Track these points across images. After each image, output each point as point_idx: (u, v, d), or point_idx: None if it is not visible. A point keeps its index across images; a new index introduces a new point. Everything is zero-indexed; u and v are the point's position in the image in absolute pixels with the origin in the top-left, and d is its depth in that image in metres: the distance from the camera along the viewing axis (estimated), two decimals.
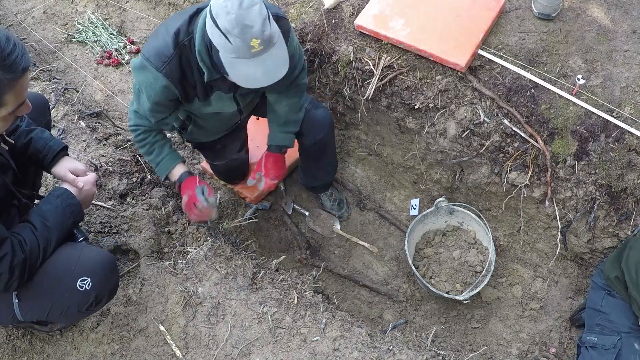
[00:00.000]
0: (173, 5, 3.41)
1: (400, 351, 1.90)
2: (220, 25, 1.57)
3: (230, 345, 1.89)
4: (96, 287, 1.64)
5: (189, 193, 2.05)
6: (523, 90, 2.18)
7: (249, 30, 1.55)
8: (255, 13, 1.56)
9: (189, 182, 2.09)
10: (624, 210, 2.16)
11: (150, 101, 1.85)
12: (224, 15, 1.55)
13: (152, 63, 1.75)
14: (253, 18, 1.55)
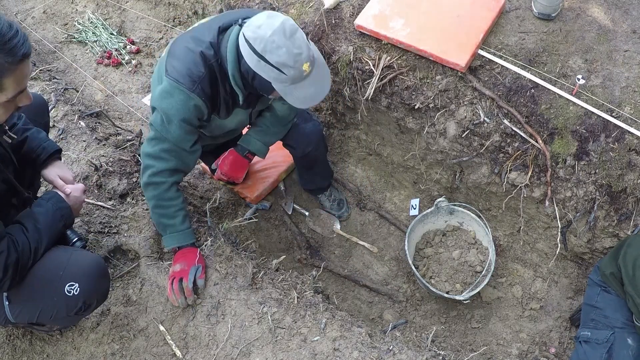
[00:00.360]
0: (173, 5, 3.42)
1: (400, 351, 1.90)
2: (272, 60, 1.61)
3: (230, 345, 1.89)
4: (84, 293, 1.63)
5: (183, 266, 1.94)
6: (523, 90, 2.18)
7: (300, 58, 1.61)
8: (299, 39, 1.62)
9: (189, 254, 1.97)
10: (624, 210, 2.16)
11: (182, 124, 1.79)
12: (275, 51, 1.59)
13: (183, 84, 1.73)
14: (299, 44, 1.61)
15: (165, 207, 1.90)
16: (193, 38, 1.80)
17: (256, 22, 1.64)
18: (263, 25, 1.61)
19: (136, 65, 3.26)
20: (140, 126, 2.90)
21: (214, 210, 2.46)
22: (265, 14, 1.66)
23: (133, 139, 2.62)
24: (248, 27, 1.65)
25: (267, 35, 1.58)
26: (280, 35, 1.59)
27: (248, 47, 1.64)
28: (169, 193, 1.88)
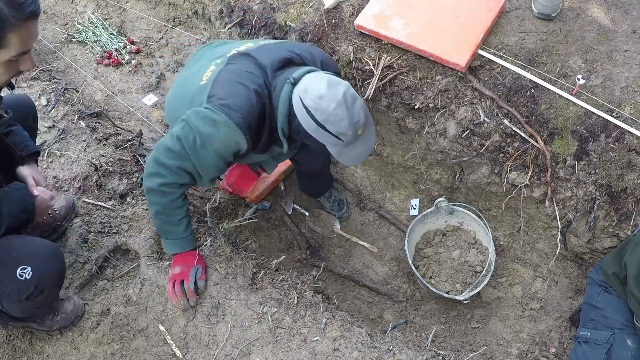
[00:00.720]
0: (173, 5, 3.41)
1: (400, 351, 1.90)
2: (332, 130, 1.65)
3: (230, 345, 1.89)
4: (36, 276, 1.61)
5: (183, 268, 1.94)
6: (523, 90, 2.18)
7: (358, 125, 1.67)
8: (358, 106, 1.67)
9: (188, 256, 1.96)
10: (624, 210, 2.16)
11: (216, 156, 1.74)
12: (337, 122, 1.63)
13: (232, 118, 1.67)
14: (358, 112, 1.66)
15: (170, 215, 1.86)
16: (245, 74, 1.74)
17: (317, 92, 1.63)
18: (325, 97, 1.62)
19: (136, 65, 3.26)
20: (140, 126, 2.90)
21: (214, 210, 2.46)
22: (325, 81, 1.64)
23: (133, 139, 2.62)
24: (307, 95, 1.64)
25: (331, 109, 1.61)
26: (342, 107, 1.62)
27: (307, 115, 1.65)
28: (176, 202, 1.84)
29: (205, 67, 1.88)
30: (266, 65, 1.76)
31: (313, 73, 1.73)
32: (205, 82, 1.81)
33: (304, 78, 1.70)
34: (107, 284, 2.06)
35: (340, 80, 1.69)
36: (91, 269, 2.08)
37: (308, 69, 1.76)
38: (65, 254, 2.12)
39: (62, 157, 2.40)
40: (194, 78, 1.89)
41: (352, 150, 1.73)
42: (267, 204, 2.72)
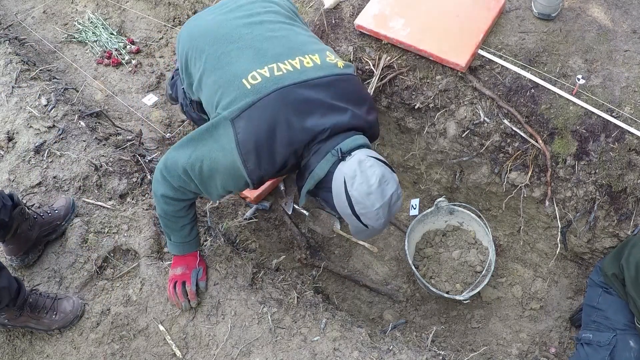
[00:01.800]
0: (173, 5, 3.41)
1: (400, 351, 1.90)
2: (364, 221, 1.54)
3: (230, 345, 1.89)
4: None
5: (184, 270, 1.93)
6: (523, 90, 2.18)
7: (389, 219, 1.58)
8: (398, 206, 1.58)
9: (189, 257, 1.95)
10: (624, 210, 2.16)
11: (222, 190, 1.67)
12: (374, 219, 1.53)
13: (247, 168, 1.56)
14: (394, 212, 1.59)
15: (173, 222, 1.84)
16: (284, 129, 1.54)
17: (367, 187, 1.48)
18: (373, 196, 1.49)
19: (136, 65, 3.26)
20: (140, 126, 2.90)
21: (214, 210, 2.46)
22: (379, 176, 1.49)
23: (133, 139, 2.62)
24: (355, 184, 1.49)
25: (374, 208, 1.50)
26: (385, 209, 1.52)
27: (346, 200, 1.52)
28: (180, 212, 1.80)
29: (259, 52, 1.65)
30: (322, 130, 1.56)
31: (364, 154, 1.54)
32: (250, 88, 1.57)
33: (354, 157, 1.53)
34: (107, 284, 2.06)
35: (390, 176, 1.54)
36: (91, 269, 2.08)
37: (358, 143, 1.59)
38: (65, 253, 2.12)
39: (62, 157, 2.40)
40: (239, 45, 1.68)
41: (373, 232, 1.63)
42: (267, 204, 2.72)
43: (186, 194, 1.72)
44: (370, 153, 1.56)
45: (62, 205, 2.17)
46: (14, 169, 2.37)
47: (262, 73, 1.58)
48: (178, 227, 1.85)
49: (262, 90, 1.55)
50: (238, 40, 1.70)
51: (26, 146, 2.44)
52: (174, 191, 1.70)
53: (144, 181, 2.38)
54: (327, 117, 1.57)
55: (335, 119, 1.58)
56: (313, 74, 1.61)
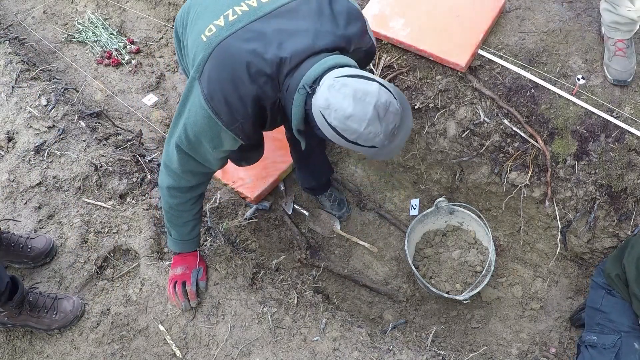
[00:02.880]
0: (173, 5, 3.41)
1: (400, 351, 1.90)
2: (366, 145, 1.42)
3: (230, 345, 1.89)
4: None
5: (184, 270, 1.93)
6: (523, 90, 2.18)
7: (393, 131, 1.43)
8: (392, 113, 1.40)
9: (189, 257, 1.95)
10: (624, 210, 2.16)
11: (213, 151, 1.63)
12: (371, 139, 1.40)
13: (222, 120, 1.52)
14: (393, 119, 1.41)
15: (176, 216, 1.82)
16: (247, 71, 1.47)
17: (342, 112, 1.36)
18: (354, 118, 1.36)
19: (136, 65, 3.26)
20: (140, 126, 2.90)
21: (214, 210, 2.46)
22: (351, 97, 1.35)
23: (133, 139, 2.62)
24: (331, 114, 1.38)
25: (362, 129, 1.37)
26: (375, 124, 1.37)
27: (334, 132, 1.42)
28: (184, 206, 1.79)
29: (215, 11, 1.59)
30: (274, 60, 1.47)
31: (332, 76, 1.41)
32: (205, 41, 1.54)
33: (322, 86, 1.41)
34: (107, 284, 2.06)
35: (367, 87, 1.38)
36: (91, 269, 2.08)
37: (326, 66, 1.44)
38: (65, 253, 2.12)
39: (62, 157, 2.40)
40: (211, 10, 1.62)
41: (388, 148, 1.49)
42: (267, 204, 2.72)
43: (188, 179, 1.70)
44: (340, 73, 1.41)
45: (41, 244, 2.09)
46: (14, 169, 2.37)
47: (217, 24, 1.54)
48: (181, 223, 1.84)
49: (215, 40, 1.51)
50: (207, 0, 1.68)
51: (26, 146, 2.44)
52: (178, 179, 1.70)
53: (144, 181, 2.38)
54: (286, 44, 1.47)
55: (295, 45, 1.47)
56: (270, 6, 1.54)
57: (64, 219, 2.23)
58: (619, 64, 2.05)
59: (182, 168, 1.67)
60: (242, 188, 2.67)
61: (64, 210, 2.25)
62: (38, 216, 2.24)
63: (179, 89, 3.17)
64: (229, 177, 2.75)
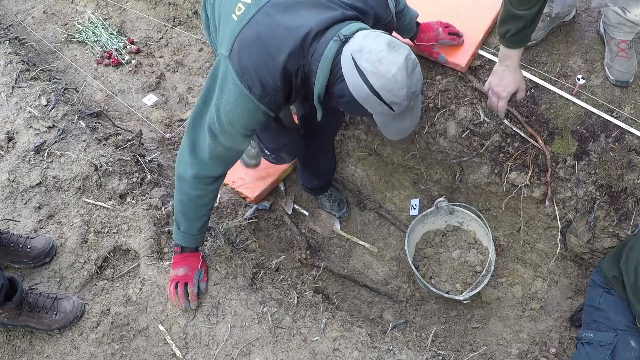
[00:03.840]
0: (173, 5, 3.41)
1: (400, 351, 1.90)
2: (386, 99, 1.43)
3: (230, 345, 1.89)
4: None
5: (187, 271, 1.92)
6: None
7: (414, 95, 1.47)
8: (418, 75, 1.46)
9: (191, 258, 1.94)
10: (624, 210, 2.16)
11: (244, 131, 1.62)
12: (395, 91, 1.41)
13: (254, 93, 1.52)
14: (416, 81, 1.46)
15: (192, 210, 1.80)
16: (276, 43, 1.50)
17: (376, 54, 1.40)
18: (385, 60, 1.39)
19: (136, 65, 3.26)
20: (140, 126, 2.90)
21: (214, 210, 2.46)
22: (386, 42, 1.41)
23: (133, 139, 2.62)
24: (363, 56, 1.41)
25: (390, 74, 1.39)
26: (403, 73, 1.40)
27: (360, 78, 1.43)
28: (204, 199, 1.77)
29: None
30: (301, 31, 1.49)
31: (367, 31, 1.48)
32: (236, 20, 1.56)
33: (357, 35, 1.46)
34: (107, 284, 2.06)
35: (400, 42, 1.45)
36: (91, 269, 2.08)
37: (359, 26, 1.50)
38: (65, 253, 2.12)
39: (62, 157, 2.40)
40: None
41: (398, 123, 1.54)
42: (267, 204, 2.72)
43: (216, 165, 1.68)
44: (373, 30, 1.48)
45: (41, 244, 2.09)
46: (14, 169, 2.37)
47: (245, 2, 1.57)
48: (196, 217, 1.82)
49: (244, 19, 1.54)
50: None
51: (26, 146, 2.44)
52: (204, 167, 1.67)
53: (144, 181, 2.39)
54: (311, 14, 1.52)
55: (320, 15, 1.52)
56: None
57: (64, 219, 2.23)
58: (621, 65, 2.05)
59: (211, 154, 1.64)
60: (242, 188, 2.67)
61: (64, 210, 2.25)
62: (38, 216, 2.24)
63: (179, 89, 3.17)
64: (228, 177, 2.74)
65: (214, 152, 1.65)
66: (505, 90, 1.90)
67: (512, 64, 1.87)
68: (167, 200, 2.33)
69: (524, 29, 1.77)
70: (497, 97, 1.93)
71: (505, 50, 1.86)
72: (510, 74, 1.89)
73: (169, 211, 2.27)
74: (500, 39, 1.84)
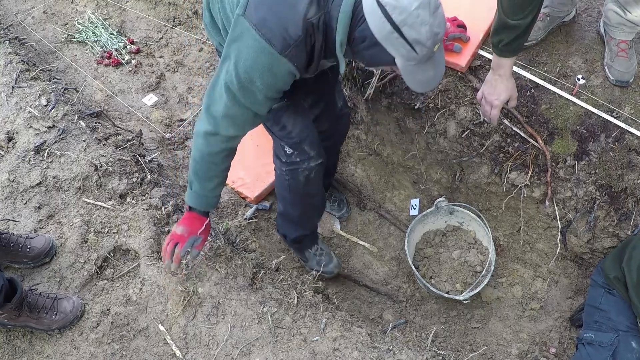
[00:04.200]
0: (173, 5, 3.42)
1: (400, 351, 1.90)
2: (408, 36, 1.37)
3: (230, 345, 1.89)
4: None
5: (184, 232, 1.84)
6: (523, 90, 2.18)
7: (436, 38, 1.40)
8: (441, 15, 1.40)
9: (195, 221, 1.85)
10: (624, 210, 2.16)
11: (265, 89, 1.56)
12: (417, 27, 1.36)
13: (274, 45, 1.46)
14: (440, 22, 1.40)
15: (204, 168, 1.74)
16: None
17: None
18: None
19: (136, 65, 3.26)
20: (140, 126, 2.90)
21: (214, 210, 2.46)
22: None
23: (133, 139, 2.62)
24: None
25: (412, 8, 1.34)
26: (426, 9, 1.35)
27: (381, 14, 1.37)
28: (216, 157, 1.71)
29: None
30: None
31: None
32: None
33: None
34: (107, 284, 2.06)
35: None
36: (91, 269, 2.08)
37: None
38: (65, 254, 2.12)
39: (62, 157, 2.40)
40: None
41: (421, 73, 1.47)
42: (267, 204, 2.72)
43: (228, 125, 1.63)
44: None
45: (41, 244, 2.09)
46: (14, 169, 2.37)
47: None
48: (207, 177, 1.76)
49: None
50: None
51: (26, 146, 2.44)
52: (217, 125, 1.63)
53: (144, 181, 2.39)
54: None
55: None
56: None
57: (64, 219, 2.23)
58: (621, 65, 2.05)
59: (226, 112, 1.60)
60: (242, 188, 2.67)
61: (64, 210, 2.25)
62: (38, 216, 2.24)
63: (179, 89, 3.18)
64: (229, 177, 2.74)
65: (229, 111, 1.59)
66: (498, 99, 1.90)
67: (505, 72, 1.87)
68: (167, 200, 2.33)
69: (517, 39, 1.77)
70: (490, 105, 1.93)
71: (498, 59, 1.86)
72: (503, 82, 1.89)
73: (169, 211, 2.27)
74: (494, 48, 1.84)
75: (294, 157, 2.02)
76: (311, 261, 2.47)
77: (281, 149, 2.03)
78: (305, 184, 2.09)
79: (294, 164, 2.03)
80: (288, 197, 2.21)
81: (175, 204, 2.33)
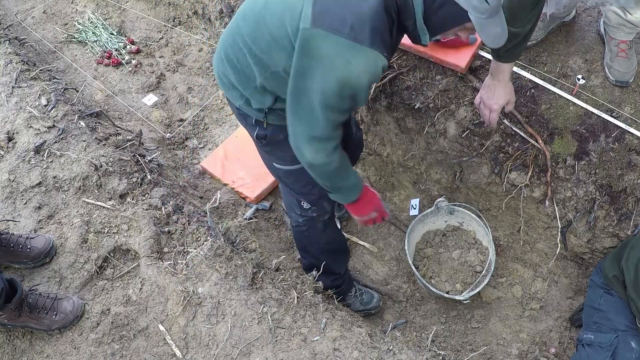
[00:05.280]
0: (173, 5, 3.42)
1: (400, 351, 1.90)
2: None
3: (230, 345, 1.89)
4: None
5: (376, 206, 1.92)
6: (523, 90, 2.18)
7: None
8: None
9: (374, 198, 1.92)
10: (624, 210, 2.16)
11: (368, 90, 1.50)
12: None
13: (362, 41, 1.38)
14: None
15: (344, 170, 1.71)
16: None
17: None
18: None
19: (136, 65, 3.26)
20: (140, 126, 2.90)
21: (214, 210, 2.46)
22: None
23: (133, 139, 2.62)
24: None
25: None
26: None
27: None
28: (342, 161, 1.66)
29: None
30: None
31: None
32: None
33: None
34: (107, 284, 2.06)
35: None
36: (91, 269, 2.08)
37: None
38: (65, 254, 2.12)
39: (62, 157, 2.40)
40: None
41: (492, 27, 1.42)
42: (267, 204, 2.72)
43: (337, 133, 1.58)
44: None
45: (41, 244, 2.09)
46: (14, 169, 2.37)
47: None
48: (347, 173, 1.74)
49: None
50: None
51: (26, 146, 2.44)
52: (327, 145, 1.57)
53: (144, 181, 2.39)
54: None
55: None
56: None
57: (64, 219, 2.23)
58: (621, 65, 2.05)
59: (333, 125, 1.54)
60: (242, 188, 2.67)
61: (64, 210, 2.25)
62: (38, 216, 2.24)
63: (179, 89, 3.18)
64: (229, 177, 2.75)
65: (335, 121, 1.54)
66: (497, 104, 1.91)
67: (503, 77, 1.88)
68: (167, 200, 2.33)
69: (517, 46, 1.77)
70: (488, 110, 1.94)
71: (496, 64, 1.86)
72: (502, 87, 1.89)
73: (169, 211, 2.27)
74: (493, 53, 1.85)
75: (311, 212, 2.04)
76: (354, 304, 2.47)
77: (297, 203, 2.03)
78: (324, 230, 2.13)
79: (310, 217, 2.07)
80: (310, 250, 2.25)
81: (175, 204, 2.33)
